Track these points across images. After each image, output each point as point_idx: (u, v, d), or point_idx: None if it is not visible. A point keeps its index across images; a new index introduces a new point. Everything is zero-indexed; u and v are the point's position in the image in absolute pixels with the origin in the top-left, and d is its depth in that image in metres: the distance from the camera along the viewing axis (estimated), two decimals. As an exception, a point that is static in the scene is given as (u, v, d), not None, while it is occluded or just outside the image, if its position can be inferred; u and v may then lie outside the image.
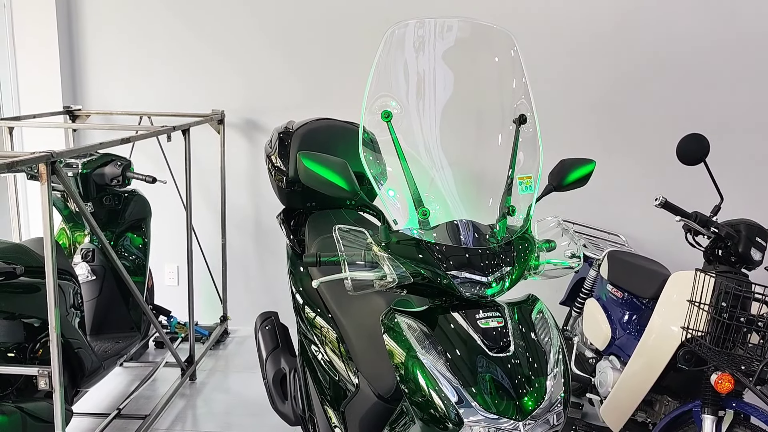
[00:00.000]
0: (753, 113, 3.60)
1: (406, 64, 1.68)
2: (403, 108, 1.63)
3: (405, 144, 1.61)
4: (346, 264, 1.50)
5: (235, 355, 3.73)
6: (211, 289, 3.90)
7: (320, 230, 2.43)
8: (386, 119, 1.60)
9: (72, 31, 3.82)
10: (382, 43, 1.65)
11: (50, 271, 1.94)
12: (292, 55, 3.75)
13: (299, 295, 2.38)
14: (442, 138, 1.66)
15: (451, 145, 1.67)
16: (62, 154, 1.99)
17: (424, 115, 1.66)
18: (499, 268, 1.54)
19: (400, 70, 1.68)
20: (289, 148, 2.56)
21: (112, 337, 3.05)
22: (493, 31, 1.74)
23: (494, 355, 1.47)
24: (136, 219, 3.20)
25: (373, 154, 1.61)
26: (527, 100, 1.71)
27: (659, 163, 3.62)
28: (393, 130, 1.60)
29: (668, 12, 3.55)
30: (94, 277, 3.02)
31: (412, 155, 1.62)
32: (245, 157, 3.89)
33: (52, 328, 1.98)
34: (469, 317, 1.52)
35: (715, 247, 2.31)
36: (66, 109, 3.67)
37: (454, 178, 1.66)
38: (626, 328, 2.71)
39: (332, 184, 1.54)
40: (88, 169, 2.91)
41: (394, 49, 1.67)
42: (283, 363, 2.50)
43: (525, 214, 1.65)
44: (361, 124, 1.61)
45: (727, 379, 1.97)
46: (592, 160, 1.77)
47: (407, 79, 1.68)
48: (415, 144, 1.65)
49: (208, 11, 3.74)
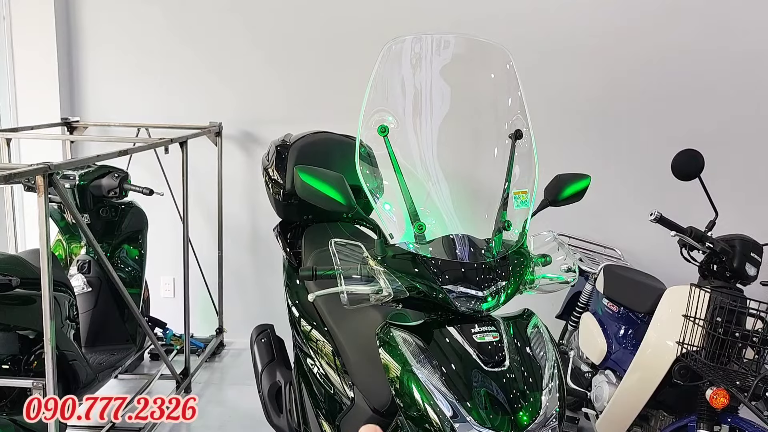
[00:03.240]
0: (748, 127, 3.63)
1: (403, 79, 1.70)
2: (399, 123, 1.64)
3: (401, 158, 1.62)
4: (342, 278, 1.51)
5: (231, 367, 3.72)
6: (206, 301, 3.89)
7: (317, 243, 2.44)
8: (383, 134, 1.61)
9: (71, 42, 3.83)
10: (379, 58, 1.67)
11: (46, 284, 1.94)
12: (289, 68, 3.77)
13: (295, 308, 2.38)
14: (439, 152, 1.67)
15: (447, 159, 1.68)
16: (60, 166, 2.00)
17: (421, 130, 1.67)
18: (495, 283, 1.55)
19: (397, 84, 1.69)
20: (286, 161, 2.57)
21: (107, 349, 3.04)
22: (488, 47, 1.76)
23: (489, 369, 1.47)
24: (132, 231, 3.20)
25: (369, 167, 1.62)
26: (523, 114, 1.72)
27: (654, 177, 3.64)
28: (389, 144, 1.61)
29: (664, 26, 3.58)
30: (89, 288, 3.01)
31: (409, 169, 1.63)
32: (242, 169, 3.90)
33: (47, 341, 1.98)
34: (465, 331, 1.52)
35: (710, 262, 2.31)
36: (64, 120, 3.68)
37: (450, 193, 1.67)
38: (622, 343, 2.71)
39: (328, 198, 1.55)
40: (86, 180, 2.92)
41: (391, 64, 1.68)
42: (279, 376, 2.49)
43: (520, 228, 1.66)
44: (358, 139, 1.61)
45: (722, 394, 1.97)
46: (588, 176, 1.78)
47: (404, 94, 1.69)
48: (411, 158, 1.66)
49: (205, 24, 3.77)
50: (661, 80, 3.63)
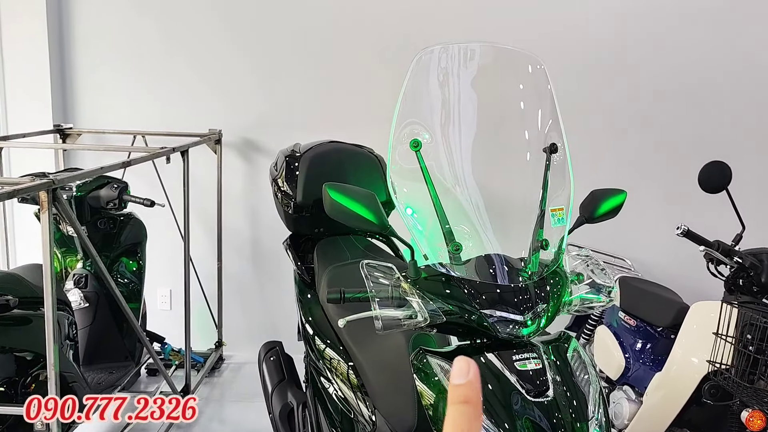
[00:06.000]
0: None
1: (434, 90, 1.61)
2: (433, 136, 1.56)
3: (435, 173, 1.54)
4: (377, 302, 1.42)
5: (232, 382, 3.61)
6: (205, 314, 3.77)
7: (330, 258, 2.34)
8: (415, 148, 1.53)
9: (63, 47, 3.70)
10: (409, 70, 1.59)
11: (50, 306, 1.83)
12: (290, 74, 3.67)
13: (309, 326, 2.28)
14: (473, 167, 1.59)
15: (480, 174, 1.60)
16: (63, 181, 1.89)
17: (454, 144, 1.58)
18: (535, 306, 1.47)
19: (428, 97, 1.60)
20: (296, 171, 2.47)
21: (106, 367, 2.91)
22: (521, 56, 1.68)
23: (533, 399, 1.39)
24: (131, 243, 3.08)
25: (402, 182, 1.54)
26: (557, 127, 1.65)
27: (672, 187, 3.56)
28: (422, 159, 1.53)
29: (687, 37, 3.51)
30: (87, 304, 2.89)
31: (442, 185, 1.55)
32: (242, 177, 3.79)
33: (50, 366, 1.86)
34: (505, 358, 1.44)
35: (737, 277, 2.25)
36: (56, 127, 3.54)
37: (484, 210, 1.59)
38: (640, 358, 2.65)
39: (360, 218, 1.47)
40: (83, 191, 2.79)
41: (421, 75, 1.60)
42: (290, 396, 2.39)
43: (556, 247, 1.58)
44: (389, 152, 1.53)
45: (758, 416, 1.91)
46: (623, 191, 1.71)
47: (436, 106, 1.60)
48: (443, 174, 1.57)
49: (201, 29, 3.65)
50: (684, 90, 3.56)
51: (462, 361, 0.56)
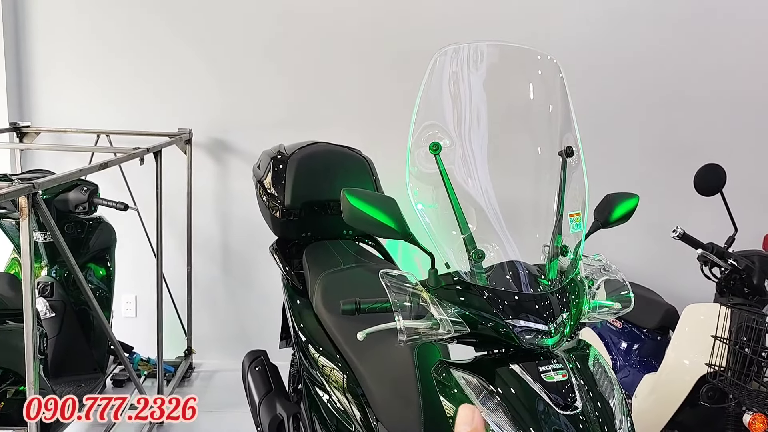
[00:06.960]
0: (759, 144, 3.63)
1: (452, 92, 1.55)
2: (452, 139, 1.50)
3: (456, 177, 1.48)
4: (400, 314, 1.35)
5: (203, 392, 3.46)
6: (173, 321, 3.61)
7: (321, 263, 2.25)
8: (434, 152, 1.47)
9: (19, 40, 3.48)
10: (427, 72, 1.52)
11: (29, 319, 1.69)
12: (262, 71, 3.55)
13: (302, 333, 2.18)
14: (490, 171, 1.54)
15: (499, 178, 1.55)
16: (44, 185, 1.75)
17: (474, 147, 1.53)
18: (559, 314, 1.43)
19: (446, 99, 1.54)
20: (283, 174, 2.37)
21: (74, 380, 2.75)
22: (538, 58, 1.64)
23: (562, 412, 1.35)
24: (99, 249, 2.92)
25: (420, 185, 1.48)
26: (572, 131, 1.61)
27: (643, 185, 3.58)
28: (441, 162, 1.47)
29: (681, 43, 3.53)
30: (53, 314, 2.71)
31: (462, 190, 1.49)
32: (213, 179, 3.64)
33: (29, 385, 1.72)
34: (530, 370, 1.39)
35: (729, 279, 2.28)
36: (13, 125, 3.33)
37: (503, 215, 1.54)
38: (627, 359, 2.65)
39: (380, 224, 1.40)
40: (50, 194, 2.62)
41: (439, 76, 1.54)
42: (279, 408, 2.29)
43: (573, 254, 1.55)
44: (408, 155, 1.47)
45: (760, 419, 1.92)
46: (636, 195, 1.69)
47: (454, 108, 1.54)
48: (463, 178, 1.52)
49: (167, 22, 3.49)
50: (651, 87, 3.59)
51: (467, 410, 0.61)
